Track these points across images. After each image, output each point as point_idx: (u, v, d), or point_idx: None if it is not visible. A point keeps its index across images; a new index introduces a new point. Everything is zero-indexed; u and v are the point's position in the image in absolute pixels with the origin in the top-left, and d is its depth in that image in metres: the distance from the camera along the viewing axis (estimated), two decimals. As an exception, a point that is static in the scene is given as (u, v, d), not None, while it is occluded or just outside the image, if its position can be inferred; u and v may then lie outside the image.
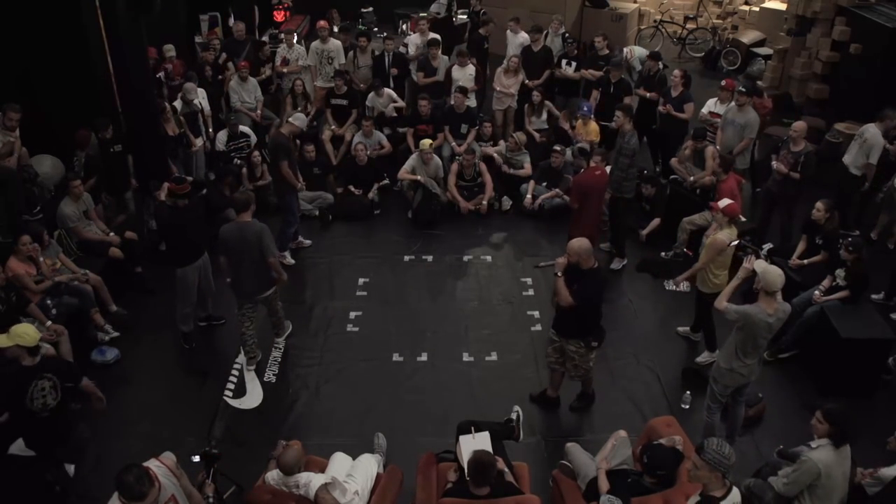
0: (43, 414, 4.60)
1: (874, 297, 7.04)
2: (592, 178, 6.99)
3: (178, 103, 8.59)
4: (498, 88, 9.75)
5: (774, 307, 4.86)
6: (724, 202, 5.99)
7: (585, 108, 8.93)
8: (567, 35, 10.64)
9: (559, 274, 5.33)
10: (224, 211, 7.74)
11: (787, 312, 4.99)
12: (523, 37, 10.09)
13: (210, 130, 9.10)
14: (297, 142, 9.19)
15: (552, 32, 10.36)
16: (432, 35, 10.12)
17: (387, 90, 9.55)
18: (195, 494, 4.05)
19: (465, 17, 12.60)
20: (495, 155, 9.13)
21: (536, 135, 9.46)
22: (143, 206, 7.99)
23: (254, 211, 6.04)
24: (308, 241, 8.09)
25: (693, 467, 3.66)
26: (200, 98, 8.95)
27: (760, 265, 5.00)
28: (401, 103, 9.70)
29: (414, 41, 10.21)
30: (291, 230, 7.70)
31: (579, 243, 5.26)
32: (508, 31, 10.30)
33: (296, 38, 10.64)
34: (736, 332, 5.01)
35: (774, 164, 7.53)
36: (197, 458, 4.48)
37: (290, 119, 7.37)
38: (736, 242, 5.88)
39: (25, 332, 4.62)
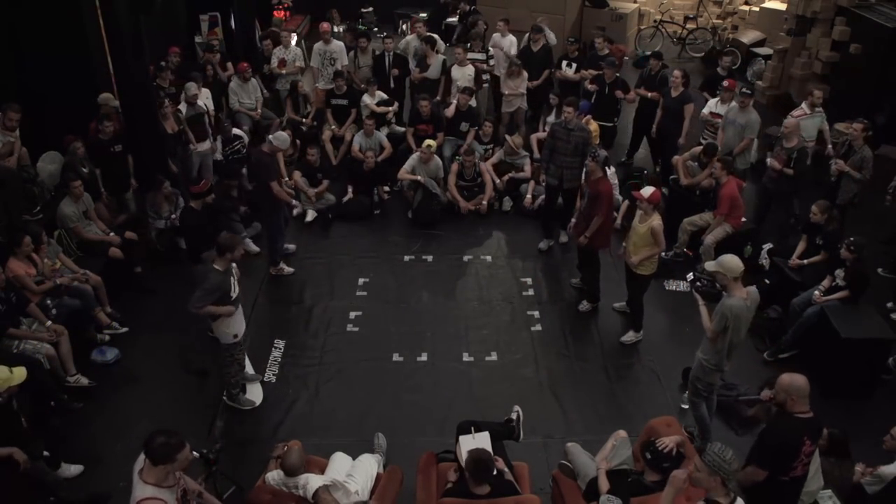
0: None
1: (889, 305, 7.01)
2: (611, 186, 7.03)
3: (182, 106, 8.43)
4: (506, 92, 9.71)
5: (745, 291, 4.96)
6: (648, 191, 6.13)
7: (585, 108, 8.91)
8: (571, 38, 10.60)
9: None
10: (230, 214, 7.73)
11: (758, 294, 5.06)
12: (511, 39, 10.05)
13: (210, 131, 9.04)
14: (297, 142, 9.19)
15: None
16: (428, 34, 10.10)
17: (378, 92, 9.54)
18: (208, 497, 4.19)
19: (454, 19, 12.56)
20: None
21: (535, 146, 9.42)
22: (150, 207, 7.90)
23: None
24: (293, 246, 7.93)
25: (695, 469, 3.71)
26: (204, 99, 8.84)
27: (710, 265, 5.03)
28: (385, 108, 9.57)
29: (410, 42, 10.20)
30: (280, 244, 7.55)
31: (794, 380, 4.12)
32: (496, 34, 10.22)
33: (294, 38, 10.59)
34: (723, 334, 5.00)
35: (769, 161, 7.58)
36: (196, 454, 4.48)
37: (271, 139, 7.14)
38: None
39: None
